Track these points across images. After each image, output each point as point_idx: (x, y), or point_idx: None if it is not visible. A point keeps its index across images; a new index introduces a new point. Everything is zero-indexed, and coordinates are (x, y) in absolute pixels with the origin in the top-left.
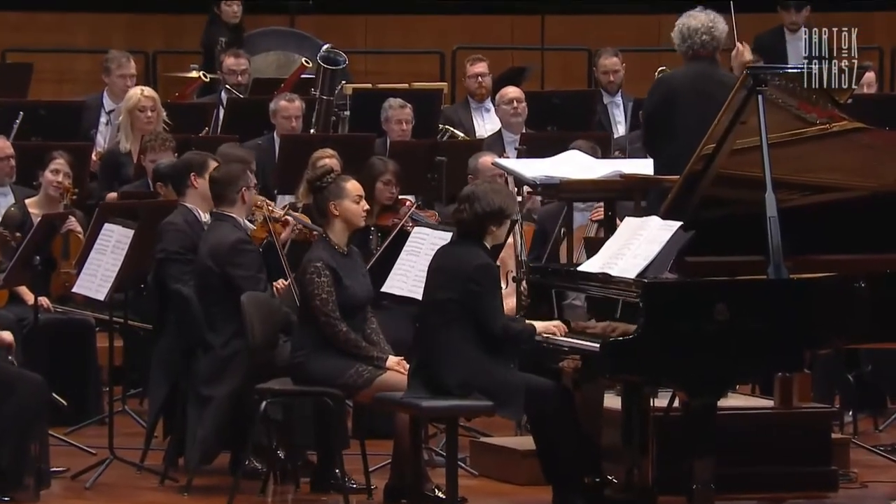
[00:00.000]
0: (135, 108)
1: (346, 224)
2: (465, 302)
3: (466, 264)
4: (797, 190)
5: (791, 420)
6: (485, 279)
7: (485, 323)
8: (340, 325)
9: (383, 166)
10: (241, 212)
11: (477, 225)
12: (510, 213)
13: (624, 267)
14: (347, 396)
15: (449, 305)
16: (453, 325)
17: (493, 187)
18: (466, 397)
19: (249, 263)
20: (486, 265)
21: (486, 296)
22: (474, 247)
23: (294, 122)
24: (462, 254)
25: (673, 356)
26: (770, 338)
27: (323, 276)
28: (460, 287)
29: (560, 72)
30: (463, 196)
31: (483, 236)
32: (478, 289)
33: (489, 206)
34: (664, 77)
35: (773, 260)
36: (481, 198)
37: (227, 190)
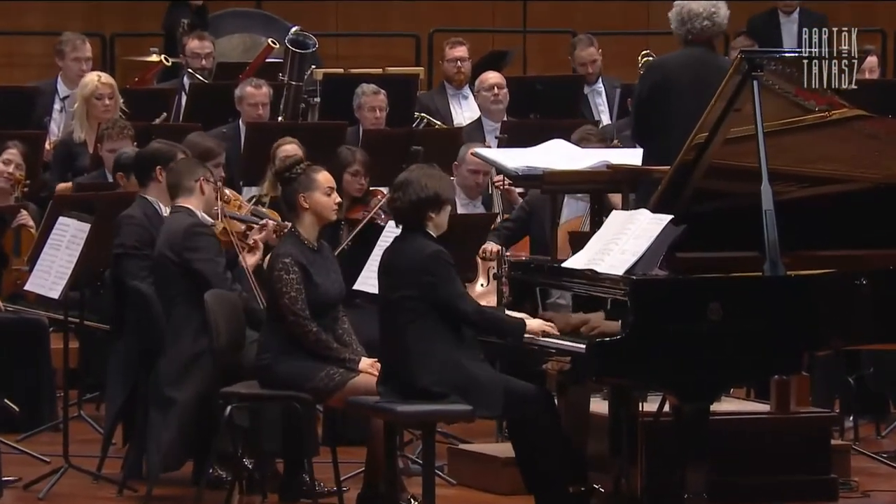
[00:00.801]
0: (91, 95)
1: (316, 218)
2: (424, 297)
3: (416, 257)
4: (795, 182)
5: (788, 426)
6: (439, 267)
7: (453, 311)
8: (310, 325)
9: (350, 156)
10: (199, 203)
11: (414, 212)
12: (447, 198)
13: (611, 263)
14: (317, 401)
15: (407, 304)
16: (417, 323)
17: (426, 172)
18: (443, 399)
19: (207, 247)
20: (435, 252)
21: (444, 284)
22: (419, 237)
23: (261, 109)
24: (408, 248)
25: (663, 358)
26: (766, 338)
27: (292, 273)
28: (414, 281)
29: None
30: (396, 184)
31: (424, 224)
32: (434, 279)
33: (423, 191)
34: (657, 62)
35: (770, 256)
36: (414, 184)
37: (182, 179)
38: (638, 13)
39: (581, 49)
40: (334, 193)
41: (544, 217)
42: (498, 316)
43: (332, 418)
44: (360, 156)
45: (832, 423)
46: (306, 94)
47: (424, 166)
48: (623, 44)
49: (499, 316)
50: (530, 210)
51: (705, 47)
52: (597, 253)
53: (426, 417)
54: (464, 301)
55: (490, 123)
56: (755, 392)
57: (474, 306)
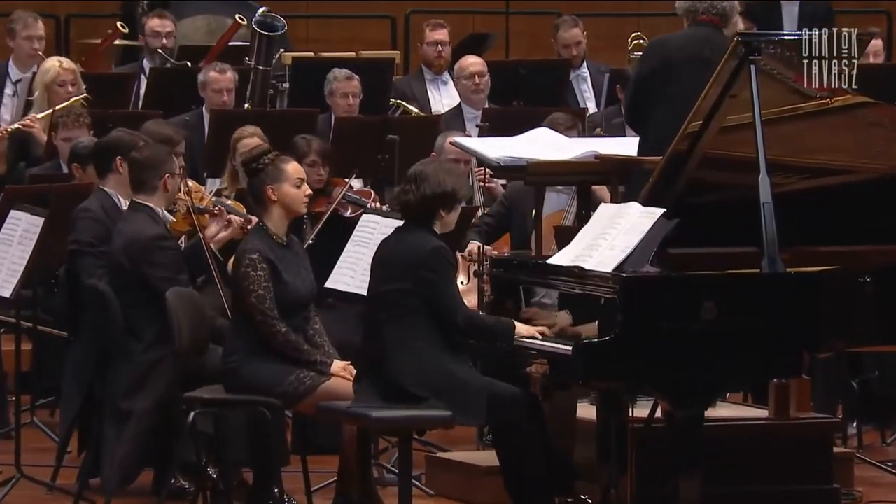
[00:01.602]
0: (53, 82)
1: (285, 211)
2: (418, 292)
3: (417, 250)
4: (794, 173)
5: (788, 432)
6: (440, 264)
7: (444, 314)
8: (279, 326)
9: (306, 146)
10: (161, 201)
11: (424, 208)
12: (462, 197)
13: (599, 259)
14: (287, 406)
15: (399, 297)
16: (405, 319)
17: (443, 166)
18: (422, 402)
19: (168, 263)
20: (439, 248)
21: (442, 283)
22: (423, 232)
23: (225, 95)
24: (410, 240)
25: (654, 360)
26: (764, 339)
27: (259, 270)
28: (412, 275)
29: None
30: (410, 175)
31: (431, 221)
32: (433, 276)
33: (439, 187)
34: (659, 41)
35: (768, 252)
36: (430, 178)
37: (147, 175)
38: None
39: (565, 30)
40: (304, 185)
41: (525, 211)
42: (487, 324)
43: (302, 425)
44: (316, 145)
45: (834, 429)
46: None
47: (441, 160)
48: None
49: (488, 324)
50: (510, 204)
51: (711, 27)
52: (584, 249)
53: (403, 424)
54: (456, 307)
55: (470, 111)
56: (752, 397)
57: (465, 315)
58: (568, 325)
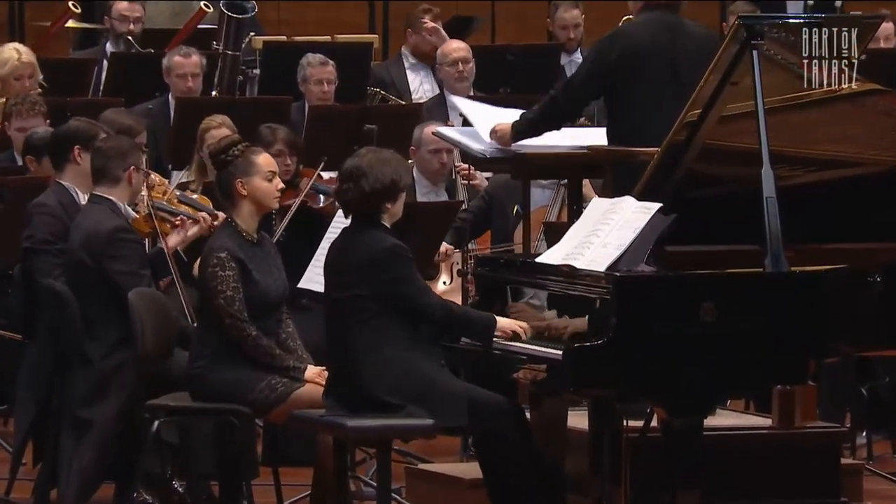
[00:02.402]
0: (10, 75)
1: (255, 206)
2: (378, 296)
3: (370, 253)
4: (800, 165)
5: (793, 442)
6: (397, 264)
7: (416, 308)
8: (249, 329)
9: (271, 135)
10: (124, 195)
11: (368, 205)
12: (404, 185)
13: (591, 258)
14: (257, 414)
15: (358, 303)
16: (365, 326)
17: (379, 157)
18: (399, 410)
19: (130, 256)
20: (393, 246)
21: (406, 279)
22: (373, 230)
23: (190, 81)
24: (361, 242)
25: (650, 365)
26: (767, 343)
27: (228, 269)
28: (368, 279)
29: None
30: (345, 172)
31: (379, 216)
32: (394, 276)
33: (378, 181)
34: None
35: (771, 249)
36: (368, 173)
37: (111, 165)
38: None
39: (564, 11)
40: (276, 178)
41: (506, 206)
42: (465, 312)
43: (273, 434)
44: (282, 134)
45: (842, 439)
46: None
47: (375, 150)
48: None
49: (466, 312)
50: (490, 199)
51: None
52: (575, 247)
53: (381, 433)
54: (427, 295)
55: None
56: (755, 404)
57: (439, 300)
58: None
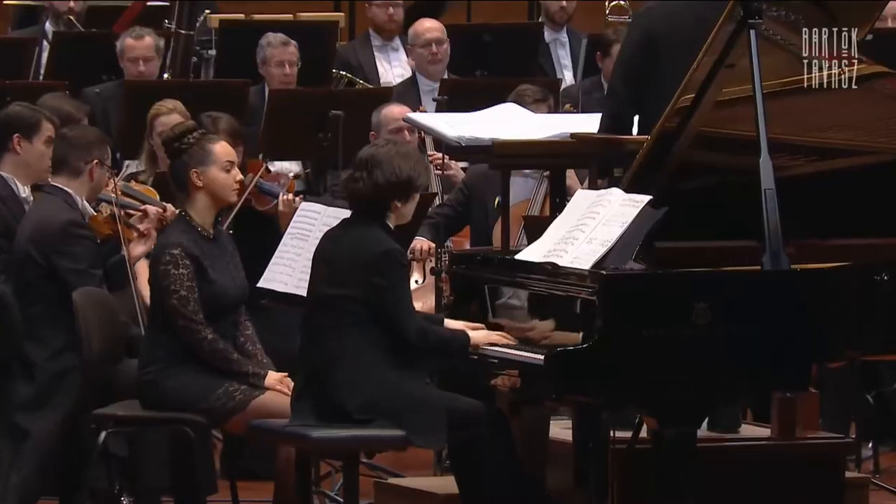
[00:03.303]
0: None
1: (212, 199)
2: (366, 300)
3: (368, 251)
4: (801, 154)
5: (793, 454)
6: (392, 270)
7: (395, 326)
8: (205, 331)
9: (212, 125)
10: (83, 189)
11: (377, 199)
12: (420, 185)
13: (575, 255)
14: (214, 424)
15: (344, 304)
16: (351, 329)
17: (399, 150)
18: (370, 423)
19: (81, 254)
20: (391, 251)
21: (394, 290)
22: (374, 227)
23: (142, 65)
24: (360, 237)
25: (639, 371)
26: (766, 347)
27: (182, 267)
28: (359, 280)
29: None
30: (360, 161)
31: (385, 214)
32: (384, 282)
33: (394, 174)
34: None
35: (770, 246)
36: (384, 164)
37: (74, 155)
38: None
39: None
40: (234, 169)
41: (487, 199)
42: (442, 337)
43: (231, 446)
44: (224, 124)
45: (847, 451)
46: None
47: (395, 142)
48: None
49: (443, 336)
50: (469, 192)
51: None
52: (558, 243)
53: (348, 444)
54: (408, 317)
55: (426, 83)
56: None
57: (417, 325)
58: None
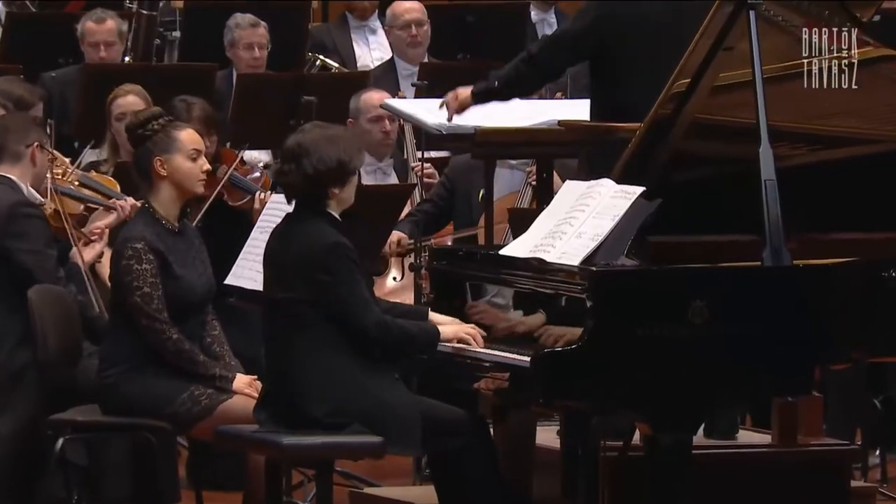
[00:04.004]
0: None
1: (177, 189)
2: (317, 300)
3: (311, 248)
4: (803, 142)
5: (795, 462)
6: (336, 264)
7: (352, 323)
8: (169, 331)
9: (185, 111)
10: (26, 174)
11: (311, 190)
12: (354, 167)
13: (564, 250)
14: (179, 431)
15: (295, 308)
16: (308, 331)
17: (325, 134)
18: (343, 429)
19: (35, 234)
20: (334, 245)
21: (342, 286)
22: (318, 220)
23: (103, 50)
24: (303, 233)
25: (632, 373)
26: (766, 348)
27: (145, 262)
28: (306, 280)
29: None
30: (287, 150)
31: (324, 203)
32: (328, 278)
33: (322, 162)
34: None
35: (771, 240)
36: (311, 151)
37: (11, 141)
38: None
39: None
40: (201, 158)
41: (471, 192)
42: (405, 329)
43: (197, 454)
44: (198, 111)
45: (852, 458)
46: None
47: (321, 125)
48: None
49: (406, 329)
50: (452, 185)
51: None
52: (545, 237)
53: (321, 452)
54: (364, 311)
55: (406, 66)
56: (752, 418)
57: (376, 318)
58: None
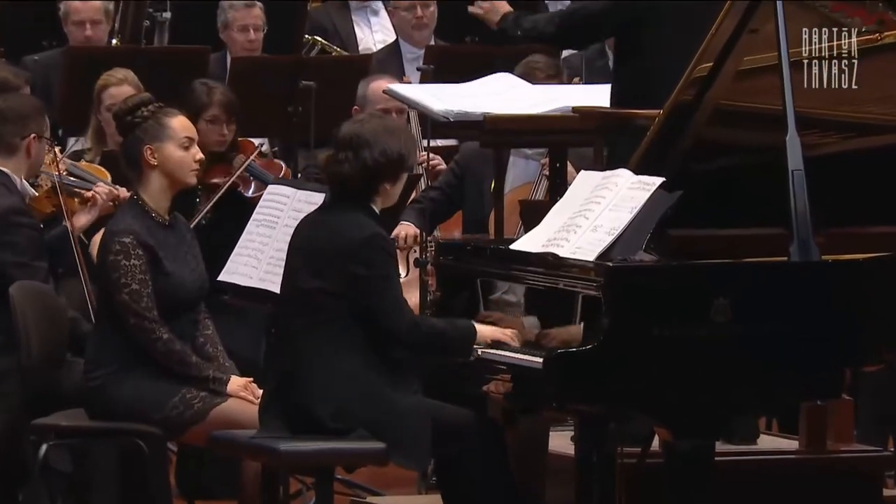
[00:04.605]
0: None
1: (168, 180)
2: (346, 293)
3: (349, 238)
4: (833, 130)
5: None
6: (377, 257)
7: (382, 322)
8: (160, 331)
9: (206, 95)
10: (21, 168)
11: (364, 181)
12: (412, 163)
13: (579, 244)
14: (170, 436)
15: (321, 299)
16: (328, 326)
17: (386, 125)
18: (345, 435)
19: (24, 244)
20: (375, 236)
21: (379, 280)
22: (357, 212)
23: (90, 29)
24: (340, 223)
25: (650, 376)
26: (793, 349)
27: (134, 258)
28: (339, 271)
29: None
30: (344, 139)
31: (371, 197)
32: (366, 272)
33: (384, 153)
34: None
35: (798, 234)
36: (372, 142)
37: (7, 130)
38: None
39: None
40: (194, 146)
41: (482, 182)
42: (438, 329)
43: (189, 461)
44: (220, 95)
45: (885, 465)
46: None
47: (379, 115)
48: None
49: (439, 329)
50: (462, 174)
51: None
52: (559, 230)
53: (320, 459)
54: (398, 310)
55: (410, 50)
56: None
57: (410, 318)
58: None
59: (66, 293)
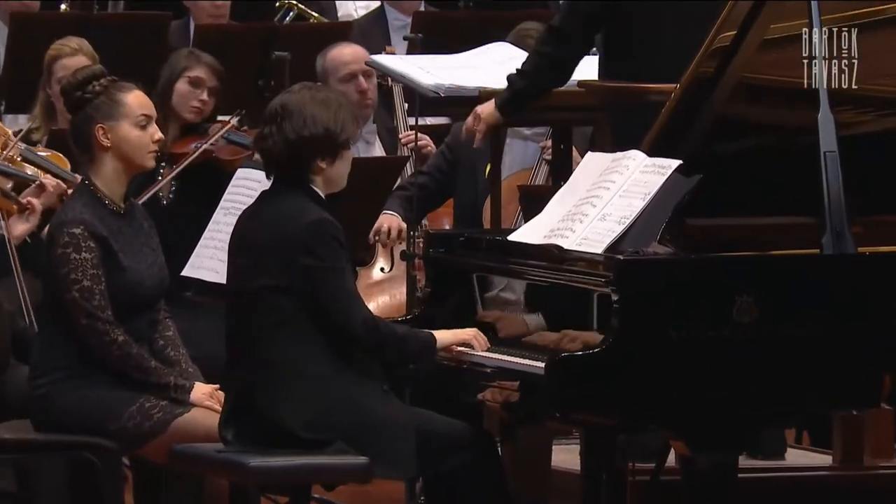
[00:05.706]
0: None
1: (122, 163)
2: (295, 287)
3: (288, 226)
4: (870, 107)
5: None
6: (320, 244)
7: (335, 319)
8: (114, 333)
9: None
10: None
11: (293, 159)
12: (346, 139)
13: (586, 235)
14: (126, 450)
15: (272, 298)
16: (282, 329)
17: (315, 96)
18: (322, 448)
19: None
20: (320, 221)
21: (326, 271)
22: (298, 197)
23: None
24: (280, 211)
25: (665, 382)
26: (825, 352)
27: (85, 251)
28: (284, 263)
29: None
30: (270, 111)
31: (307, 177)
32: (313, 262)
33: (307, 127)
34: None
35: (832, 223)
36: (296, 113)
37: None
38: None
39: None
40: (152, 125)
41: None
42: (395, 332)
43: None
44: (208, 58)
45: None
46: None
47: (313, 87)
48: None
49: (396, 332)
50: (454, 156)
51: None
52: (563, 220)
53: (295, 475)
54: (351, 304)
55: (397, 16)
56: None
57: (363, 315)
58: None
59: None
